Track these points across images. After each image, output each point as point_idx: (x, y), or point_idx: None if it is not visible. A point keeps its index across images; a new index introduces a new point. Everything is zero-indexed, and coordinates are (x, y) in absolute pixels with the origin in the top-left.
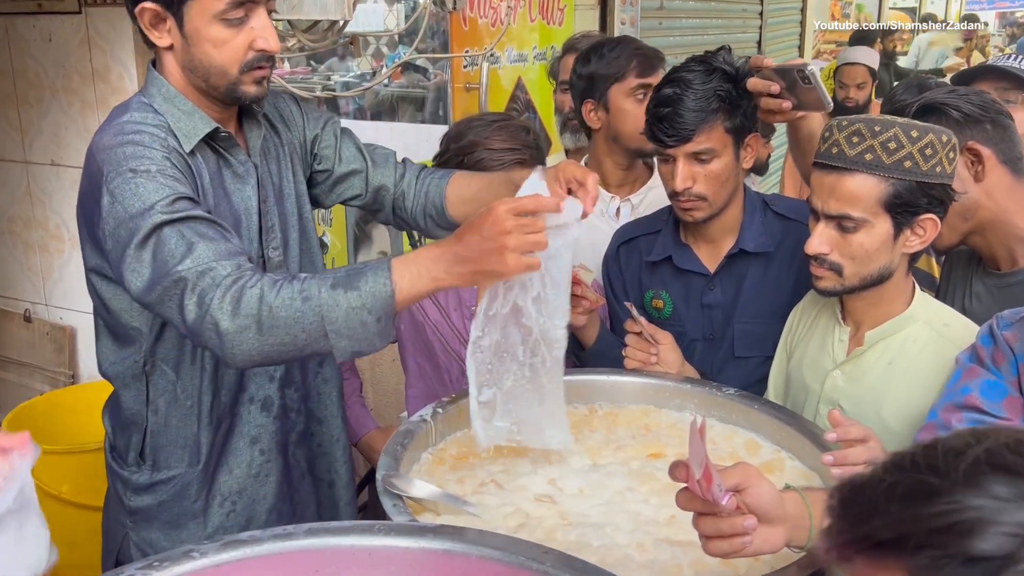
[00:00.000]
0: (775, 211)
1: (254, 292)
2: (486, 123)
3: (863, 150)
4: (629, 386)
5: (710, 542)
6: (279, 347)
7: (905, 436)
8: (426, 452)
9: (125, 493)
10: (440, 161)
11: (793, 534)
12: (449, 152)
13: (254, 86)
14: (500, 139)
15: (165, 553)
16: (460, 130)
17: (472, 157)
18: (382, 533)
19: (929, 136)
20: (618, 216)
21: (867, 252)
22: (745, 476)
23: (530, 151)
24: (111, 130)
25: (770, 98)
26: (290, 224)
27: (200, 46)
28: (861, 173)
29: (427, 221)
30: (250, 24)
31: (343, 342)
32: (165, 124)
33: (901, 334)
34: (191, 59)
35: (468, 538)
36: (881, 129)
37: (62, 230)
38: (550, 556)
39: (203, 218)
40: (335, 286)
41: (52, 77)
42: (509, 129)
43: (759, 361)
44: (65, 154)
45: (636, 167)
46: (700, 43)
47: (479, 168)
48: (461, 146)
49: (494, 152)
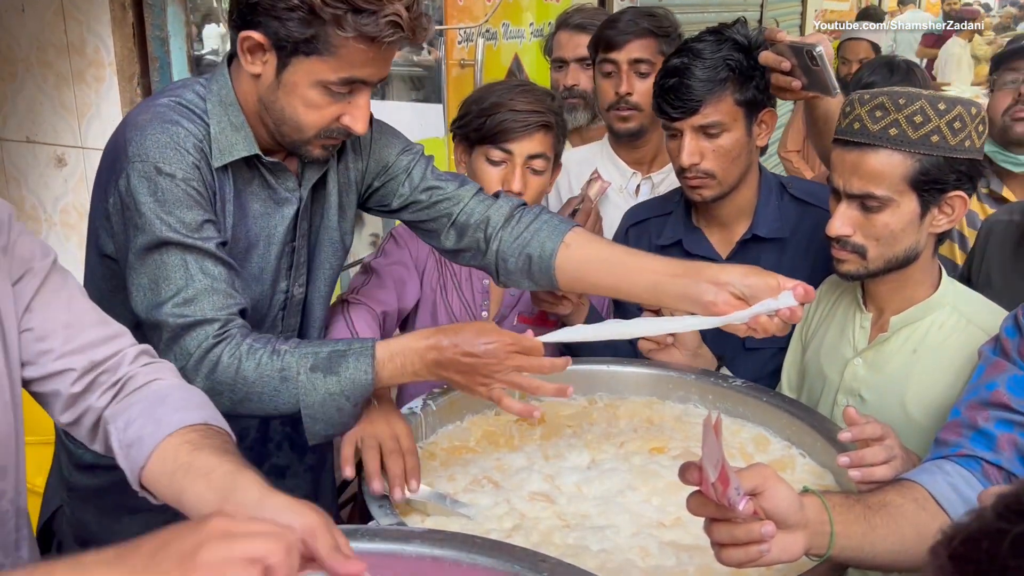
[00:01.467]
0: (792, 194)
1: (231, 363)
2: (509, 87)
3: (887, 124)
4: (631, 376)
5: (724, 550)
6: (252, 410)
7: (930, 429)
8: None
9: (67, 466)
10: (460, 124)
11: (812, 541)
12: (470, 115)
13: (321, 151)
14: (525, 101)
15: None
16: (481, 94)
17: (495, 119)
18: (366, 538)
19: (957, 109)
20: (637, 194)
21: (892, 232)
22: (762, 479)
23: (555, 116)
24: (154, 107)
25: (780, 75)
26: (324, 265)
27: (290, 98)
28: (885, 149)
29: (525, 278)
30: (348, 100)
31: (317, 426)
32: (205, 130)
33: (926, 320)
34: (274, 101)
35: (459, 544)
36: (906, 102)
37: (38, 210)
38: (547, 564)
39: (212, 255)
40: (315, 369)
41: (26, 50)
42: (534, 93)
43: (771, 353)
44: (40, 131)
45: (652, 144)
46: (700, 20)
47: (501, 131)
48: (483, 108)
49: (518, 114)
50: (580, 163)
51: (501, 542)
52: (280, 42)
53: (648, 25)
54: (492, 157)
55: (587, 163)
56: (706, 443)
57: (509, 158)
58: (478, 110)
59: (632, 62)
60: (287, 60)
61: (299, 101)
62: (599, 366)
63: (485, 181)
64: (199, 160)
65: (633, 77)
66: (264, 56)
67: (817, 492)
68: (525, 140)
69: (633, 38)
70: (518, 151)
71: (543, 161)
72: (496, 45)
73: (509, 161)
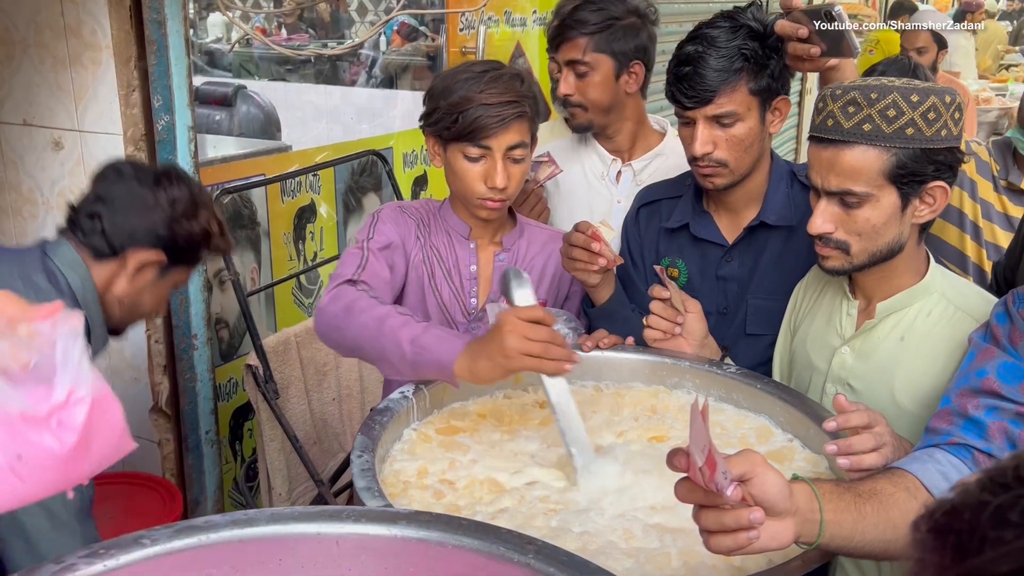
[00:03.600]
0: (802, 182)
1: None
2: (475, 75)
3: (860, 120)
4: (625, 363)
5: (712, 537)
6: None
7: (919, 417)
8: (408, 428)
9: None
10: (430, 121)
11: (802, 528)
12: (440, 111)
13: (484, 211)
14: (495, 92)
15: (112, 540)
16: (447, 84)
17: (468, 116)
18: (351, 520)
19: (931, 99)
20: (618, 180)
21: (874, 227)
22: (750, 465)
23: (529, 102)
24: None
25: (798, 43)
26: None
27: (450, 172)
28: (860, 145)
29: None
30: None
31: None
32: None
33: (914, 307)
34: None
35: (444, 526)
36: (878, 96)
37: (35, 194)
38: (533, 546)
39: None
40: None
41: (23, 32)
42: (503, 80)
43: (771, 340)
44: (37, 113)
45: (625, 133)
46: (704, 10)
47: (477, 128)
48: (452, 102)
49: (491, 108)
50: (564, 151)
51: (487, 524)
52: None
53: (582, 27)
54: (470, 154)
55: (572, 152)
56: (693, 428)
57: (488, 153)
58: (447, 105)
59: (567, 63)
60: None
61: (451, 174)
62: (594, 352)
63: (466, 178)
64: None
65: (571, 76)
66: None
67: (807, 479)
68: (503, 134)
69: (564, 40)
70: (497, 145)
71: (522, 149)
72: (498, 32)
73: (488, 156)
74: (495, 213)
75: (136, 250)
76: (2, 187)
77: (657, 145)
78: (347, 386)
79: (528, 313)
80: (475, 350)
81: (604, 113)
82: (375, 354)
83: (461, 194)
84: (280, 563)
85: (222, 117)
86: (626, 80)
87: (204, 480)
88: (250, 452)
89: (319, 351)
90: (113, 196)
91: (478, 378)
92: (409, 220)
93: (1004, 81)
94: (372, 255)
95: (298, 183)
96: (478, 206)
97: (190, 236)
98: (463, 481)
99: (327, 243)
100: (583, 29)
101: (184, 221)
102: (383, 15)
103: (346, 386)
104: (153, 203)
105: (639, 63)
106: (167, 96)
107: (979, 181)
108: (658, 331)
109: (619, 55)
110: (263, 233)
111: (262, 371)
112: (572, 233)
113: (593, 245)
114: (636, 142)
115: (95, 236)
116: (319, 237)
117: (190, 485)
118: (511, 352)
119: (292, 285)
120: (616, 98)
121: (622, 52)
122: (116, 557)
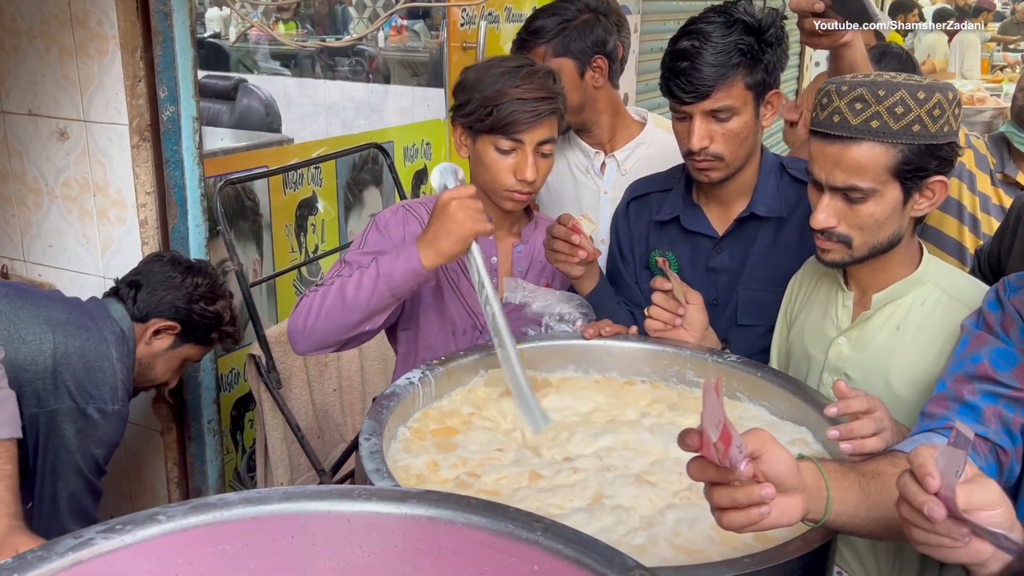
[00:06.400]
0: (791, 174)
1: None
2: (508, 70)
3: (868, 117)
4: (626, 352)
5: (725, 514)
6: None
7: (916, 404)
8: (416, 412)
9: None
10: (463, 112)
11: (810, 505)
12: (473, 102)
13: (510, 203)
14: (531, 88)
15: (128, 516)
16: (479, 77)
17: (504, 110)
18: (362, 498)
19: (936, 96)
20: (603, 172)
21: (877, 221)
22: (760, 442)
23: (560, 99)
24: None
25: (814, 19)
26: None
27: (478, 163)
28: (867, 141)
29: None
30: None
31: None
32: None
33: (908, 297)
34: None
35: (453, 504)
36: (886, 93)
37: (40, 183)
38: (541, 524)
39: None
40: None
41: (29, 22)
42: (537, 76)
43: (763, 331)
44: (43, 103)
45: (603, 126)
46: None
47: (512, 123)
48: (487, 96)
49: (527, 103)
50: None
51: (496, 503)
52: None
53: (536, 36)
54: (501, 147)
55: (556, 150)
56: (707, 405)
57: (520, 147)
58: (482, 98)
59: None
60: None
61: (481, 166)
62: (594, 341)
63: (496, 170)
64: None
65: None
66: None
67: (812, 458)
68: (536, 129)
69: (528, 47)
70: (529, 140)
71: (551, 144)
72: (499, 28)
73: (520, 150)
74: (519, 206)
75: (158, 319)
76: (7, 177)
77: (638, 135)
78: (348, 377)
79: (465, 190)
80: (431, 237)
81: (577, 112)
82: (358, 319)
83: (488, 185)
84: (292, 540)
85: (223, 110)
86: (591, 76)
87: (206, 469)
88: (251, 442)
89: None
90: (151, 272)
91: (446, 256)
92: (414, 219)
93: (999, 81)
94: (347, 266)
95: (300, 175)
96: (505, 198)
97: (204, 316)
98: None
99: (328, 235)
100: (540, 38)
101: (202, 303)
102: (382, 11)
103: (347, 377)
104: (180, 283)
105: (600, 56)
106: (172, 87)
107: (977, 174)
108: (659, 322)
109: (578, 54)
110: (265, 225)
111: (265, 361)
112: (553, 225)
113: (573, 237)
114: (616, 133)
115: (130, 301)
116: (320, 229)
117: (192, 474)
118: (464, 220)
119: (294, 276)
120: (585, 95)
121: (580, 51)
122: (132, 532)
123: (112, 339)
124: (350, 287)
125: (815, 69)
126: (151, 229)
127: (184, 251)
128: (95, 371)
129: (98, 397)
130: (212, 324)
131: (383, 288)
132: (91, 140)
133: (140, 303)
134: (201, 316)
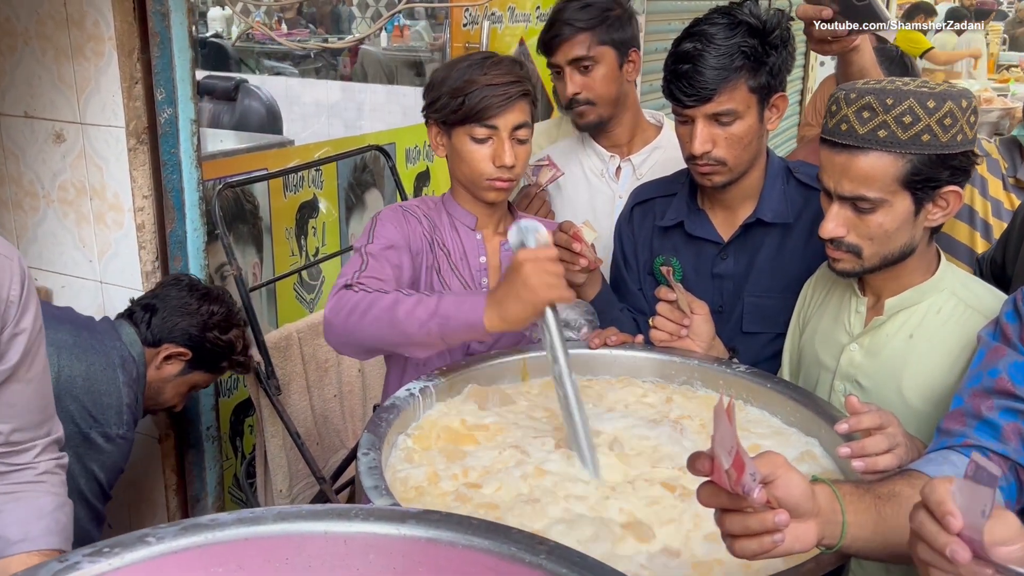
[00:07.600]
0: (798, 179)
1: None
2: (474, 62)
3: (875, 126)
4: (632, 361)
5: (737, 541)
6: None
7: (928, 415)
8: (416, 423)
9: None
10: (433, 108)
11: (825, 530)
12: (442, 98)
13: (492, 193)
14: (498, 73)
15: (117, 538)
16: (447, 73)
17: (474, 97)
18: (360, 518)
19: (947, 104)
20: (618, 176)
21: (887, 232)
22: (773, 466)
23: (529, 84)
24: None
25: (823, 26)
26: None
27: (455, 158)
28: (875, 151)
29: None
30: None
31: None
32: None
33: (923, 304)
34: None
35: (455, 525)
36: (894, 102)
37: (36, 186)
38: (545, 547)
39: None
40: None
41: (24, 23)
42: (504, 63)
43: (768, 338)
44: (39, 105)
45: (624, 127)
46: (704, 7)
47: (484, 108)
48: (456, 87)
49: (497, 88)
50: (564, 154)
51: (498, 524)
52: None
53: (579, 23)
54: (476, 135)
55: (571, 154)
56: (718, 429)
57: (495, 133)
58: (451, 90)
59: (570, 63)
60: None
61: (458, 158)
62: (601, 350)
63: (474, 160)
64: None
65: (576, 75)
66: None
67: (827, 481)
68: (508, 113)
69: (563, 40)
70: (503, 124)
71: (526, 130)
72: (501, 28)
73: (495, 136)
74: (503, 195)
75: (170, 344)
76: (2, 180)
77: (655, 138)
78: (348, 383)
79: (544, 252)
80: (499, 298)
81: (612, 105)
82: (398, 342)
83: (468, 179)
84: (287, 561)
85: (224, 111)
86: (628, 69)
87: (205, 476)
88: (250, 449)
89: (320, 347)
90: (167, 296)
91: (511, 323)
92: (412, 219)
93: (1006, 81)
94: (372, 258)
95: (300, 178)
96: (487, 188)
97: (216, 344)
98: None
99: (329, 239)
100: (581, 25)
101: (215, 331)
102: (384, 11)
103: (347, 383)
104: (195, 310)
105: (636, 51)
106: (170, 89)
107: (989, 179)
108: (664, 332)
109: (619, 45)
110: (265, 228)
111: (264, 367)
112: (555, 233)
113: (574, 245)
114: (634, 135)
115: (143, 325)
116: (321, 232)
117: (191, 481)
118: (537, 287)
119: (294, 280)
120: (621, 88)
121: (621, 41)
122: (120, 555)
123: (120, 363)
124: (402, 308)
125: (821, 70)
126: (148, 233)
127: (182, 255)
128: (100, 395)
129: (103, 421)
130: (223, 353)
131: (434, 327)
132: (88, 143)
133: (154, 327)
134: (213, 344)
